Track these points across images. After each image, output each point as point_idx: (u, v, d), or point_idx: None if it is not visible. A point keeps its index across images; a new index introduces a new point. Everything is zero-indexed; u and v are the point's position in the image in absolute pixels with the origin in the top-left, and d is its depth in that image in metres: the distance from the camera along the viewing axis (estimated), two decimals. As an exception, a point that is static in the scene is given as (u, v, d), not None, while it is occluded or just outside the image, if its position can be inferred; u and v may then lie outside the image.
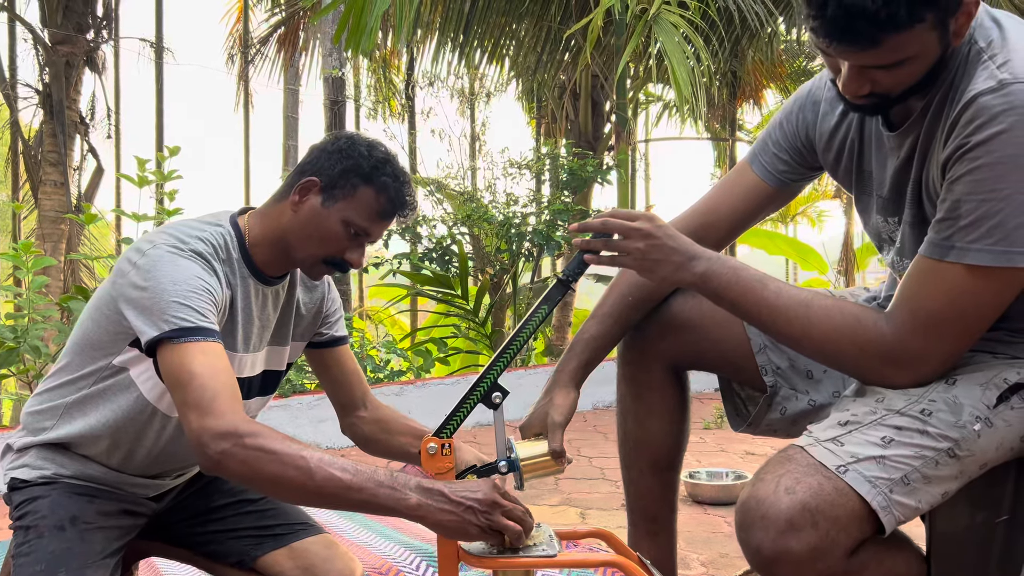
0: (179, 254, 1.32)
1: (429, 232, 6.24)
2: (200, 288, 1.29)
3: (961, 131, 1.11)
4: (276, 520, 1.55)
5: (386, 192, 1.40)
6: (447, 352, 6.18)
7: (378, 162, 1.41)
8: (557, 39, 7.05)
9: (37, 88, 9.46)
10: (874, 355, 1.20)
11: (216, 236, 1.40)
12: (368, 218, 1.41)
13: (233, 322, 1.41)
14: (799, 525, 1.10)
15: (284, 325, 1.54)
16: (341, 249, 1.42)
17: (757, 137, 1.50)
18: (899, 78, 1.13)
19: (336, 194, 1.40)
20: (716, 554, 2.47)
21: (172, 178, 4.20)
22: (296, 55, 11.38)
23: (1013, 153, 1.06)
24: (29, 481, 1.43)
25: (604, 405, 5.32)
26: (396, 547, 2.53)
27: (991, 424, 1.17)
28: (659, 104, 11.46)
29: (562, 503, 3.11)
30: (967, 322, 1.15)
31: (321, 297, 1.60)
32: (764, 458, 3.90)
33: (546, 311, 1.28)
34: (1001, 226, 1.08)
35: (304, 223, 1.41)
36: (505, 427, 1.29)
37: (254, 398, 1.53)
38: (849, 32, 1.07)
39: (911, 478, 1.14)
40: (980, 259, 1.10)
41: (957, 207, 1.11)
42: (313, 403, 4.25)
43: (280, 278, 1.50)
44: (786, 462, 1.16)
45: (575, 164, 6.12)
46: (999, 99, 1.07)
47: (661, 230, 1.26)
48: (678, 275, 1.27)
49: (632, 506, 1.62)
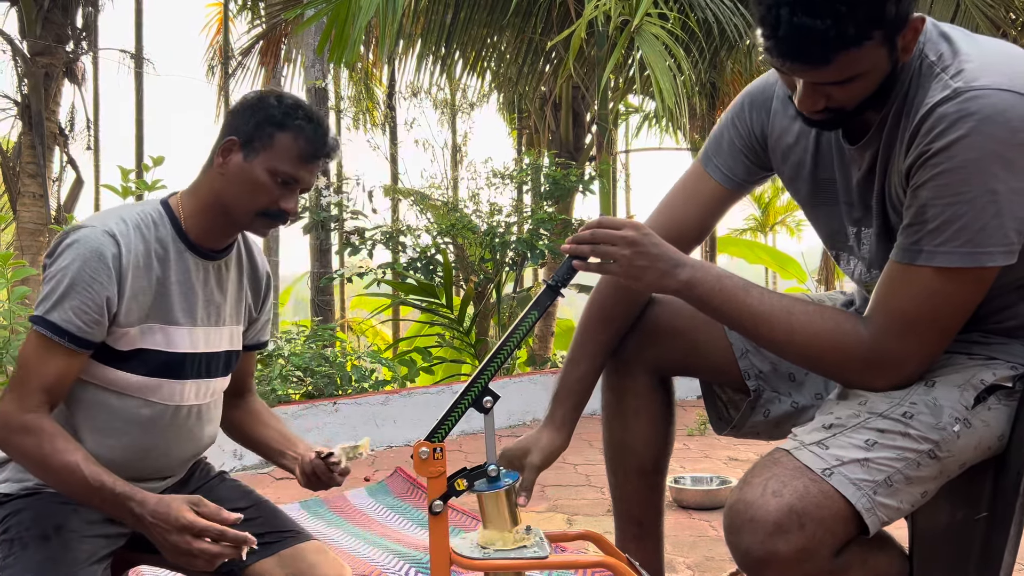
0: (84, 249, 1.37)
1: (414, 242, 6.25)
2: (83, 286, 1.36)
3: (922, 140, 1.14)
4: (265, 528, 1.54)
5: (303, 134, 1.45)
6: (431, 361, 6.18)
7: (289, 108, 1.46)
8: (538, 51, 7.10)
9: (16, 99, 9.39)
10: (855, 359, 1.23)
11: (141, 216, 1.45)
12: (291, 163, 1.45)
13: (166, 296, 1.45)
14: (786, 527, 1.12)
15: (239, 303, 1.59)
16: (273, 199, 1.45)
17: (709, 135, 1.50)
18: (852, 93, 1.17)
19: (256, 146, 1.44)
20: (702, 557, 2.49)
21: (157, 188, 4.18)
22: (278, 66, 11.37)
23: (974, 157, 1.10)
24: (11, 495, 1.44)
25: (589, 413, 5.34)
26: (385, 554, 2.53)
27: (970, 425, 1.20)
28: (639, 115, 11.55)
29: (549, 509, 3.12)
30: (942, 322, 1.19)
31: (264, 284, 1.66)
32: (747, 464, 3.90)
33: (535, 317, 1.30)
34: (967, 228, 1.12)
35: (232, 181, 1.45)
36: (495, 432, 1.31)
37: (216, 377, 1.55)
38: (801, 52, 1.12)
39: (894, 479, 1.16)
40: (949, 261, 1.14)
41: (923, 212, 1.14)
42: (299, 413, 4.24)
43: (222, 252, 1.53)
44: (772, 465, 1.19)
45: (558, 174, 6.16)
46: (955, 106, 1.11)
47: (647, 238, 1.28)
48: (663, 282, 1.29)
49: (619, 511, 1.63)
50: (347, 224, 6.28)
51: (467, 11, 6.56)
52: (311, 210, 6.08)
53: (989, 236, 1.11)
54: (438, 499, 1.23)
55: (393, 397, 4.62)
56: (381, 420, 4.50)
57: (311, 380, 4.63)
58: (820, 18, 1.07)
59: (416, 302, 6.31)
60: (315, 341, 5.11)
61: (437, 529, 1.23)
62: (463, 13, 6.55)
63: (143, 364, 1.44)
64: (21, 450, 1.35)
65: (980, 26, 5.96)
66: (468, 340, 6.11)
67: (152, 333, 1.44)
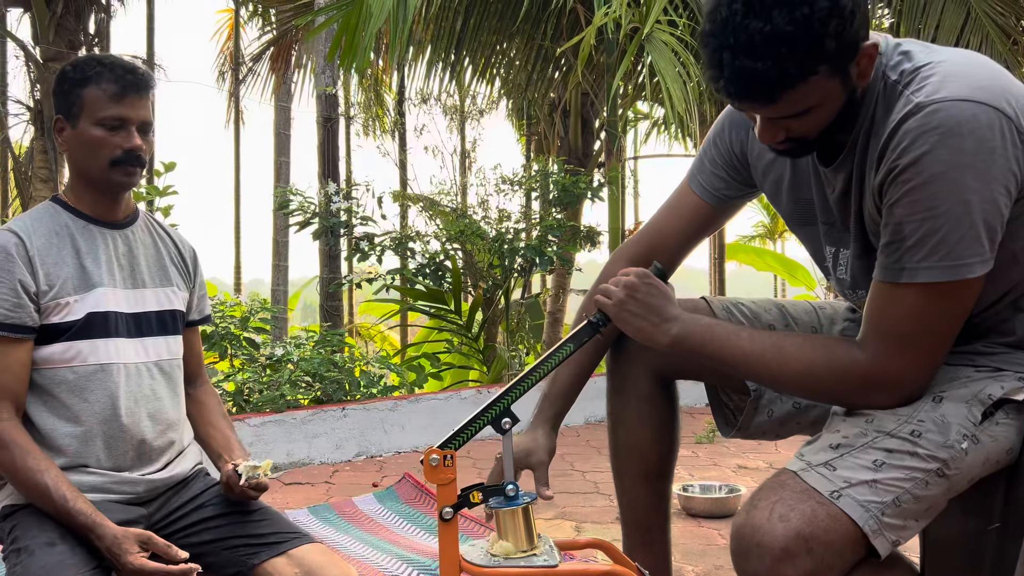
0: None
1: (423, 248, 6.26)
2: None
3: (890, 156, 1.15)
4: (270, 529, 1.57)
5: (103, 79, 1.53)
6: (440, 367, 6.18)
7: (83, 65, 1.56)
8: (547, 58, 7.11)
9: (28, 105, 9.45)
10: (853, 382, 1.23)
11: (37, 211, 1.58)
12: (107, 107, 1.52)
13: (80, 264, 1.55)
14: (794, 552, 1.11)
15: (161, 268, 1.67)
16: (114, 146, 1.53)
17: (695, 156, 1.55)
18: (809, 124, 1.18)
19: (75, 112, 1.54)
20: (711, 566, 2.49)
21: (168, 193, 4.22)
22: (289, 72, 11.41)
23: (941, 171, 1.10)
24: (17, 506, 1.49)
25: (596, 420, 5.34)
26: (394, 560, 2.53)
27: (977, 441, 1.20)
28: (647, 122, 11.56)
29: (557, 517, 3.12)
30: (935, 336, 1.19)
31: (191, 258, 1.74)
32: (756, 472, 3.89)
33: (571, 350, 1.34)
34: (945, 241, 1.12)
35: (75, 151, 1.56)
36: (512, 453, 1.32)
37: (153, 337, 1.62)
38: (747, 92, 1.14)
39: (902, 500, 1.15)
40: (932, 276, 1.14)
41: (900, 230, 1.15)
42: (307, 418, 4.25)
43: (125, 223, 1.64)
44: (779, 488, 1.18)
45: (567, 181, 6.16)
46: (918, 121, 1.12)
47: (645, 287, 1.32)
48: (653, 336, 1.33)
49: (626, 516, 1.63)
50: (356, 230, 6.28)
51: (477, 18, 6.57)
52: (321, 216, 6.10)
53: (967, 247, 1.12)
54: (449, 507, 1.23)
55: (401, 403, 4.62)
56: (389, 425, 4.50)
57: (320, 385, 4.64)
58: (760, 60, 1.09)
59: (425, 308, 6.32)
60: (324, 346, 5.12)
61: (447, 536, 1.24)
62: (473, 20, 6.57)
63: (77, 330, 1.52)
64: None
65: (991, 34, 5.94)
66: (476, 346, 6.12)
67: (81, 299, 1.53)
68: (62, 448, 1.51)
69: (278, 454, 4.11)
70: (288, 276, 11.34)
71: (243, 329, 4.77)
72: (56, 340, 1.51)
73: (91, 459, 1.52)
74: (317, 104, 7.40)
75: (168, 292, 1.66)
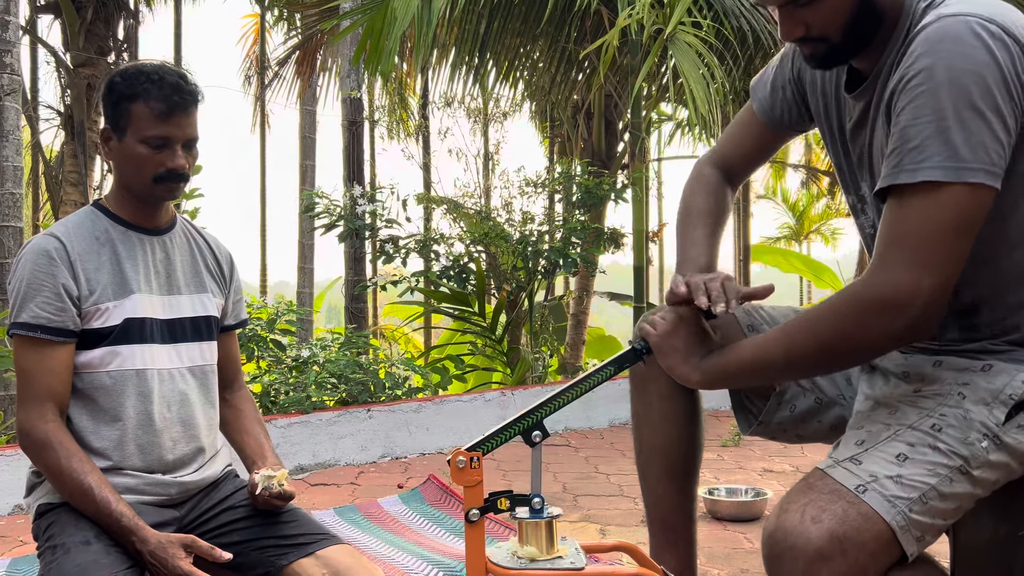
0: (31, 254, 1.52)
1: (447, 250, 6.28)
2: (38, 283, 1.49)
3: (903, 66, 1.17)
4: (298, 530, 1.58)
5: (151, 97, 1.53)
6: (464, 369, 6.20)
7: (132, 78, 1.55)
8: (571, 60, 7.10)
9: (59, 110, 9.61)
10: (862, 305, 1.18)
11: (77, 217, 1.60)
12: (153, 126, 1.53)
13: (119, 270, 1.57)
14: (829, 555, 1.10)
15: (197, 274, 1.69)
16: (157, 164, 1.55)
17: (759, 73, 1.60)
18: (824, 15, 1.21)
19: (121, 125, 1.55)
20: (737, 570, 2.47)
21: (195, 196, 4.27)
22: (314, 76, 11.50)
23: (949, 77, 1.11)
24: (54, 504, 1.51)
25: (620, 423, 5.33)
26: (419, 561, 2.54)
27: (1000, 442, 1.18)
28: (671, 124, 11.52)
29: (582, 519, 3.11)
30: (942, 245, 1.13)
31: (227, 263, 1.77)
32: (782, 475, 3.85)
33: (611, 372, 1.37)
34: (949, 143, 1.11)
35: (120, 163, 1.58)
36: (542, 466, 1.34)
37: (187, 343, 1.64)
38: None
39: (928, 496, 1.15)
40: (932, 175, 1.12)
41: (904, 134, 1.14)
42: (333, 419, 4.28)
43: (164, 230, 1.66)
44: (808, 490, 1.17)
45: (591, 183, 6.15)
46: (933, 31, 1.14)
47: (686, 326, 1.37)
48: (683, 372, 1.38)
49: (651, 516, 1.63)
50: (381, 233, 6.32)
51: (500, 21, 6.58)
52: (346, 219, 6.13)
53: (972, 151, 1.10)
54: (476, 509, 1.24)
55: (426, 405, 4.64)
56: (414, 427, 4.53)
57: (345, 387, 4.67)
58: None
59: (449, 310, 6.34)
60: (349, 348, 5.15)
61: (473, 537, 1.24)
62: (496, 23, 6.58)
63: (115, 336, 1.54)
64: (43, 463, 1.48)
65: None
66: (500, 348, 6.12)
67: (119, 305, 1.55)
68: (100, 451, 1.54)
69: (304, 455, 4.15)
70: (313, 278, 11.43)
71: (270, 331, 4.81)
72: (96, 346, 1.54)
73: (126, 462, 1.55)
74: (342, 108, 7.45)
75: (203, 298, 1.69)
